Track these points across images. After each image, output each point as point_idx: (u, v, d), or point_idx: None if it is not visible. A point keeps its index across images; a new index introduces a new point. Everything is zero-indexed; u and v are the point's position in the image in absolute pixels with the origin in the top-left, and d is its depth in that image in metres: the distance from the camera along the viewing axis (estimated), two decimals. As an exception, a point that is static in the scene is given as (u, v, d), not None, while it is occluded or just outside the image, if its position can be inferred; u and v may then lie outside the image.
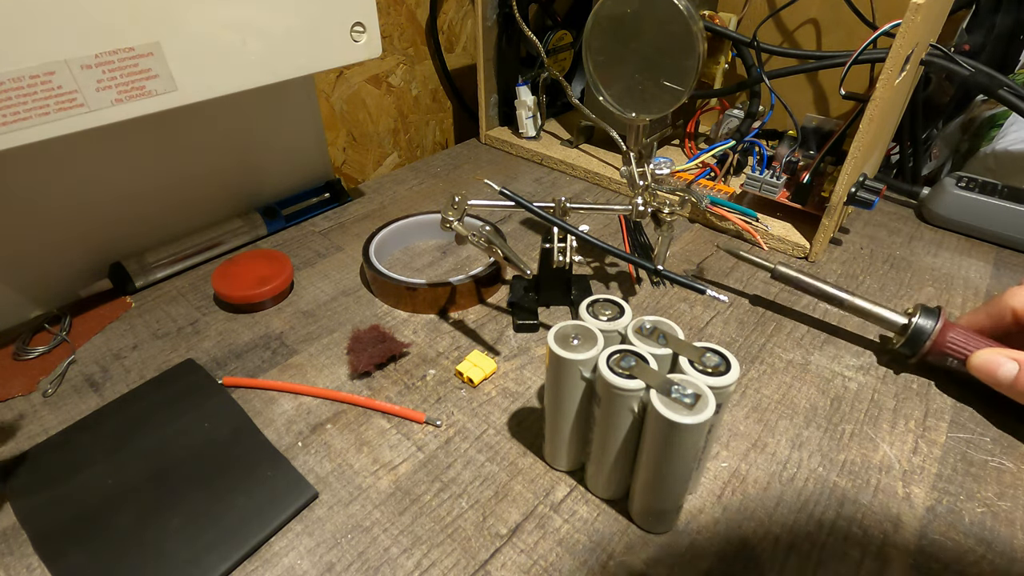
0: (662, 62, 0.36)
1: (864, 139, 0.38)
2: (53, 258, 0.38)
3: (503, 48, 0.59)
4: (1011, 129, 0.50)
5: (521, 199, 0.32)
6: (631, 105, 0.39)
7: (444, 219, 0.34)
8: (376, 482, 0.27)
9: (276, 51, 0.35)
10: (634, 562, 0.24)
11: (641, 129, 0.39)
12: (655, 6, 0.35)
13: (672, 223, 0.39)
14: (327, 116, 0.57)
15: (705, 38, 0.35)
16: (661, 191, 0.50)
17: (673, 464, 0.22)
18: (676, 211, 0.38)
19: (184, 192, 0.43)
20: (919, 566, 0.24)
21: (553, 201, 0.37)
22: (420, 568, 0.24)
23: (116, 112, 0.29)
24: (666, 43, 0.35)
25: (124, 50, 0.28)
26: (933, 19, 0.40)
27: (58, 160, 0.36)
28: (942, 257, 0.44)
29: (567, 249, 0.35)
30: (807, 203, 0.45)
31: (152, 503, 0.26)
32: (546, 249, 0.36)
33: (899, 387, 0.33)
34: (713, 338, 0.36)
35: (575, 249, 0.35)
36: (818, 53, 0.46)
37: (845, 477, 0.28)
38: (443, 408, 0.31)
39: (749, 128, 0.53)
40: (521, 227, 0.48)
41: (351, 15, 0.37)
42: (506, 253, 0.32)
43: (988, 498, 0.27)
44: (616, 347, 0.23)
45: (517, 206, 0.33)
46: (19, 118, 0.26)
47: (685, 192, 0.49)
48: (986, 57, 0.49)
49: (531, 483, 0.27)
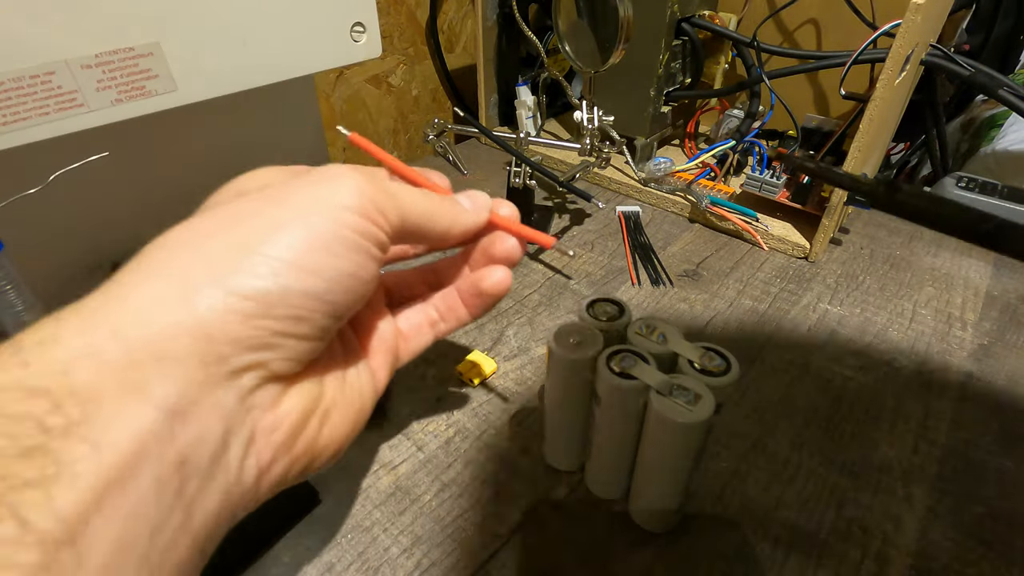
0: (603, 25, 0.43)
1: (864, 139, 0.38)
2: (53, 258, 0.38)
3: (503, 48, 0.59)
4: (1011, 129, 0.50)
5: (483, 127, 0.47)
6: (584, 60, 0.45)
7: (424, 133, 0.48)
8: (376, 482, 0.27)
9: (276, 51, 0.35)
10: (634, 562, 0.24)
11: (591, 81, 0.46)
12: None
13: (605, 158, 0.47)
14: (327, 116, 0.57)
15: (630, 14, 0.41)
16: (661, 191, 0.51)
17: (673, 464, 0.22)
18: (611, 151, 0.47)
19: (184, 192, 0.43)
20: (919, 566, 0.24)
21: (514, 134, 0.49)
22: (420, 568, 0.24)
23: (116, 112, 0.29)
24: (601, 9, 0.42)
25: (124, 50, 0.28)
26: (933, 19, 0.40)
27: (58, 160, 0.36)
28: (942, 257, 0.44)
29: (522, 174, 0.44)
30: (807, 203, 0.45)
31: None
32: (508, 172, 0.44)
33: (899, 387, 0.33)
34: (713, 338, 0.36)
35: (528, 175, 0.44)
36: (818, 53, 0.46)
37: (845, 477, 0.28)
38: (443, 408, 0.31)
39: (749, 128, 0.53)
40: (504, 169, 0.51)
41: (351, 15, 0.37)
42: (453, 156, 0.46)
43: (988, 498, 0.27)
44: (616, 347, 0.23)
45: (480, 132, 0.46)
46: (19, 118, 0.26)
47: (685, 192, 0.49)
48: (986, 57, 0.49)
49: (531, 483, 0.27)
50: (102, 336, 0.14)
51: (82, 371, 0.13)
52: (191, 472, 0.14)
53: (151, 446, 0.13)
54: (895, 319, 0.38)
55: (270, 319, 0.15)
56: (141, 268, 0.15)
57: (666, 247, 0.45)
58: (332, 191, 0.17)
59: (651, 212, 0.50)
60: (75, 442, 0.12)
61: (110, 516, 0.12)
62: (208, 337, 0.14)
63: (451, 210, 0.21)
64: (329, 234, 0.16)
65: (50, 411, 0.12)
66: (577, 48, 0.45)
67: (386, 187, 0.18)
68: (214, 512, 0.15)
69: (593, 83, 0.46)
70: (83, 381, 0.13)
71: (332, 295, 0.16)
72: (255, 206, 0.17)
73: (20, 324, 0.29)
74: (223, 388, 0.15)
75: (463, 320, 0.24)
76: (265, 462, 0.16)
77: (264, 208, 0.17)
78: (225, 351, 0.15)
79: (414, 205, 0.19)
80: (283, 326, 0.15)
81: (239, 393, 0.15)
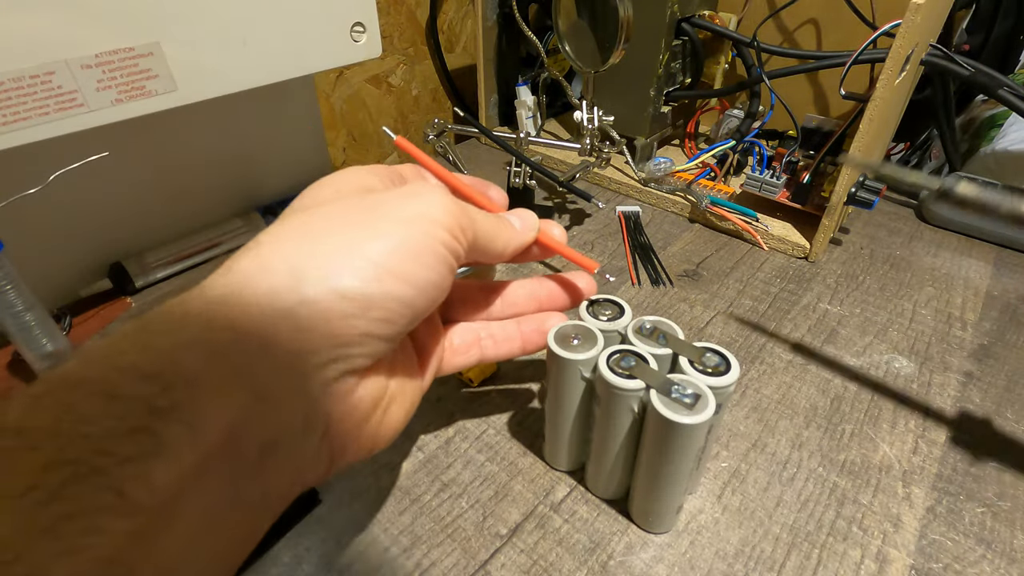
0: (603, 25, 0.43)
1: (864, 139, 0.38)
2: (53, 258, 0.38)
3: (503, 48, 0.59)
4: (1011, 129, 0.50)
5: (483, 127, 0.47)
6: (584, 60, 0.45)
7: (424, 133, 0.47)
8: (376, 482, 0.27)
9: (276, 51, 0.35)
10: (634, 562, 0.24)
11: (590, 81, 0.46)
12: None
13: (605, 158, 0.47)
14: (327, 116, 0.57)
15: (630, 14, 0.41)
16: (661, 191, 0.51)
17: (673, 464, 0.22)
18: (611, 151, 0.47)
19: (184, 192, 0.43)
20: (919, 566, 0.24)
21: (515, 134, 0.49)
22: (420, 568, 0.24)
23: (116, 112, 0.29)
24: (601, 9, 0.42)
25: (124, 50, 0.28)
26: (933, 19, 0.40)
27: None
28: (942, 257, 0.44)
29: (522, 174, 0.44)
30: (807, 203, 0.45)
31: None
32: (508, 172, 0.44)
33: (899, 387, 0.33)
34: (713, 338, 0.36)
35: (528, 175, 0.44)
36: (818, 53, 0.46)
37: (845, 477, 0.28)
38: (443, 408, 0.31)
39: (749, 128, 0.53)
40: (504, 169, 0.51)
41: (351, 15, 0.37)
42: (453, 156, 0.46)
43: (988, 498, 0.27)
44: (616, 347, 0.23)
45: (480, 132, 0.46)
46: (19, 118, 0.26)
47: (685, 192, 0.49)
48: (986, 57, 0.49)
49: (531, 483, 0.27)
50: (218, 324, 0.15)
51: (193, 357, 0.14)
52: (274, 452, 0.15)
53: (241, 429, 0.14)
54: (895, 319, 0.38)
55: (364, 319, 0.17)
56: (260, 257, 0.17)
57: (666, 247, 0.45)
58: (427, 206, 0.18)
59: (651, 212, 0.50)
60: (175, 424, 0.13)
61: (198, 489, 0.13)
62: (309, 330, 0.16)
63: (506, 231, 0.22)
64: (423, 246, 0.18)
65: (158, 394, 0.13)
66: (577, 48, 0.45)
67: (468, 209, 0.20)
68: (287, 486, 0.16)
69: (593, 83, 0.46)
70: (192, 367, 0.14)
71: (417, 302, 0.18)
72: (359, 213, 0.18)
73: (20, 324, 0.29)
74: (311, 378, 0.16)
75: (514, 352, 0.25)
76: (337, 446, 0.18)
77: (367, 216, 0.18)
78: (320, 344, 0.16)
79: (484, 226, 0.21)
80: (373, 327, 0.17)
81: (323, 382, 0.16)
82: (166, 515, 0.13)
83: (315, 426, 0.17)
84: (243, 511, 0.15)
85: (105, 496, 0.12)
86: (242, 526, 0.15)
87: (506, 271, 0.42)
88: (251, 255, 0.17)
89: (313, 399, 0.16)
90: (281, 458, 0.16)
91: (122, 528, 0.12)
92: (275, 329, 0.15)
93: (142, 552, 0.12)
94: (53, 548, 0.11)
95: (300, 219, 0.18)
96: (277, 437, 0.15)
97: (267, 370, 0.15)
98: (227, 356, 0.15)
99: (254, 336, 0.15)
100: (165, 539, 0.13)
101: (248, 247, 0.17)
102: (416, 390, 0.22)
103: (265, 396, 0.15)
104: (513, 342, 0.25)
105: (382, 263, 0.17)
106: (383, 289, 0.17)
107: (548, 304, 0.26)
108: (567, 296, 0.26)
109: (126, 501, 0.12)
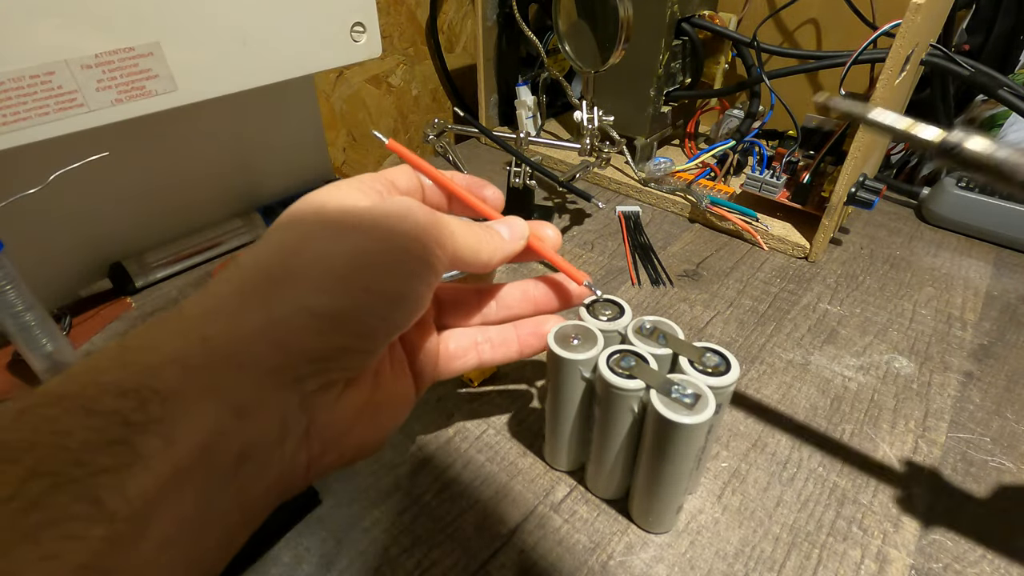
0: (603, 25, 0.43)
1: (864, 139, 0.38)
2: (53, 258, 0.38)
3: (503, 48, 0.59)
4: (1011, 129, 0.50)
5: (483, 127, 0.47)
6: (584, 60, 0.45)
7: (424, 133, 0.48)
8: (376, 482, 0.27)
9: (276, 51, 0.35)
10: (634, 562, 0.24)
11: (590, 81, 0.46)
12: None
13: (605, 158, 0.48)
14: (327, 116, 0.57)
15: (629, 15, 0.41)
16: (661, 191, 0.51)
17: (673, 464, 0.22)
18: (611, 151, 0.47)
19: (184, 192, 0.43)
20: (919, 566, 0.24)
21: (515, 134, 0.49)
22: (420, 568, 0.24)
23: (116, 112, 0.29)
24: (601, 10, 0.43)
25: (124, 50, 0.28)
26: (933, 19, 0.40)
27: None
28: (942, 257, 0.44)
29: (522, 174, 0.44)
30: (807, 203, 0.45)
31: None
32: (508, 172, 0.44)
33: (899, 387, 0.33)
34: (713, 338, 0.36)
35: (528, 175, 0.44)
36: (818, 53, 0.46)
37: (845, 477, 0.28)
38: (443, 408, 0.31)
39: (749, 128, 0.53)
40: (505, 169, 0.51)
41: (351, 15, 0.37)
42: (453, 156, 0.46)
43: (988, 498, 0.27)
44: (616, 347, 0.23)
45: (480, 132, 0.47)
46: (19, 118, 0.26)
47: (685, 192, 0.49)
48: (986, 57, 0.49)
49: (531, 483, 0.27)
50: (192, 343, 0.16)
51: (169, 375, 0.15)
52: (249, 462, 0.16)
53: (216, 441, 0.15)
54: (895, 319, 0.38)
55: (339, 335, 0.17)
56: (233, 280, 0.17)
57: (666, 247, 0.45)
58: (402, 222, 0.19)
59: (651, 212, 0.50)
60: (151, 436, 0.14)
61: (174, 498, 0.14)
62: (283, 347, 0.16)
63: (491, 242, 0.22)
64: (399, 263, 0.18)
65: (135, 409, 0.14)
66: (577, 48, 0.45)
67: (445, 223, 0.20)
68: (263, 494, 0.17)
69: (593, 83, 0.46)
70: (168, 384, 0.15)
71: (394, 316, 0.18)
72: (335, 230, 0.18)
73: (20, 324, 0.29)
74: (288, 391, 0.16)
75: (511, 356, 0.25)
76: (316, 453, 0.18)
77: (343, 232, 0.18)
78: (296, 360, 0.16)
79: (464, 239, 0.21)
80: (349, 341, 0.17)
81: (301, 395, 0.17)
82: (142, 523, 0.13)
83: (293, 437, 0.17)
84: (219, 519, 0.15)
85: (82, 504, 0.12)
86: (219, 534, 0.16)
87: (506, 271, 0.42)
88: (227, 275, 0.17)
89: (291, 412, 0.17)
90: (258, 468, 0.16)
91: (98, 535, 0.12)
92: (250, 348, 0.16)
93: (118, 558, 0.13)
94: (32, 553, 0.12)
95: (278, 237, 0.18)
96: (253, 449, 0.16)
97: (243, 386, 0.16)
98: (202, 373, 0.15)
99: (230, 355, 0.16)
100: (141, 546, 0.13)
101: (228, 266, 0.18)
102: (406, 397, 0.22)
103: (241, 410, 0.15)
104: (510, 346, 0.25)
105: (353, 280, 0.17)
106: (355, 304, 0.17)
107: (544, 304, 0.26)
108: (564, 296, 0.26)
109: (102, 509, 0.13)
